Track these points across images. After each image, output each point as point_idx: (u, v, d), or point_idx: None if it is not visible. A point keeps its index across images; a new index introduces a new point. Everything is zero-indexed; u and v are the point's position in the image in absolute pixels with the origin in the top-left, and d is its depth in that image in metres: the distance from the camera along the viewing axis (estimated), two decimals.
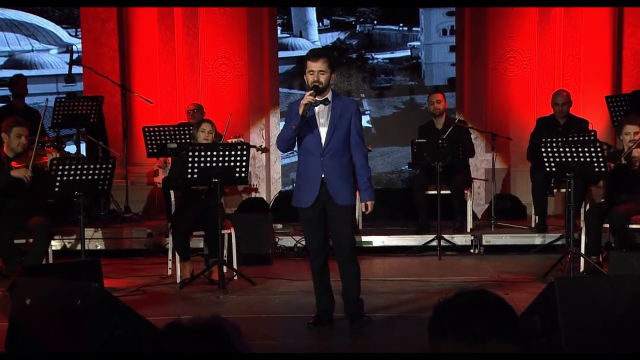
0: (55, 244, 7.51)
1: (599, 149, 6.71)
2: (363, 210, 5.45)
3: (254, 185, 9.89)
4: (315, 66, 5.27)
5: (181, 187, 7.03)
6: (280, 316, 5.95)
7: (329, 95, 5.35)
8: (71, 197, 6.68)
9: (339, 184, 5.33)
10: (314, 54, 5.33)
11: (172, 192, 7.30)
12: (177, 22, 9.93)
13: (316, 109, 5.33)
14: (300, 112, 5.20)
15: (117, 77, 9.84)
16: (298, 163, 5.51)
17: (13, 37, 10.47)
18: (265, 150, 9.01)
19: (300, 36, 10.23)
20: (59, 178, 6.49)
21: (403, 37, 10.11)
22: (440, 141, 8.07)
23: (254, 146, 8.82)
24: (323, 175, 5.33)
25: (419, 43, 10.08)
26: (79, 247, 6.92)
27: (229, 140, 8.24)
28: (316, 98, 5.25)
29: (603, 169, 6.71)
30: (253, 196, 9.81)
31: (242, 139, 8.33)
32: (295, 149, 5.55)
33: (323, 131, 5.33)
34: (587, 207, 7.72)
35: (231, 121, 8.26)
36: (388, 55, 10.09)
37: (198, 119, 8.40)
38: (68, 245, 8.05)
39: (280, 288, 6.79)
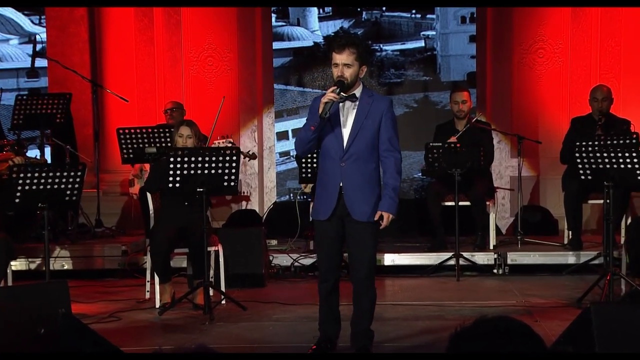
0: (16, 264, 7.50)
1: None
2: (376, 219, 5.31)
3: (244, 193, 9.89)
4: (339, 58, 5.21)
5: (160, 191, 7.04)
6: (276, 346, 5.94)
7: (357, 91, 5.31)
8: (34, 209, 6.68)
9: (357, 194, 5.26)
10: (339, 44, 5.24)
11: (150, 203, 7.30)
12: (156, 9, 9.95)
13: (340, 105, 5.29)
14: (320, 111, 5.14)
15: (87, 72, 9.85)
16: (319, 168, 5.47)
17: None
18: (253, 157, 8.96)
19: (298, 25, 10.24)
20: (19, 187, 6.49)
21: (416, 26, 10.13)
22: (455, 144, 8.05)
23: (242, 152, 8.81)
24: (342, 184, 5.29)
25: (434, 32, 10.10)
26: (43, 267, 6.91)
27: (216, 142, 8.23)
28: (341, 94, 5.19)
29: None
30: (244, 208, 9.82)
31: (232, 140, 8.33)
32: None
33: (345, 132, 5.28)
34: (629, 220, 7.71)
35: (218, 122, 8.26)
36: (398, 46, 10.10)
37: (177, 120, 8.41)
38: (30, 265, 8.03)
39: (275, 314, 6.79)
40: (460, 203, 8.08)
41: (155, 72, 10.00)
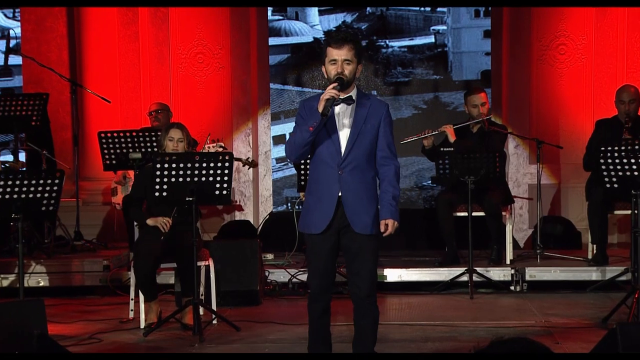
0: None
1: None
2: (382, 229, 5.33)
3: (237, 202, 9.88)
4: (339, 54, 5.26)
5: (141, 220, 7.05)
6: None
7: (353, 93, 5.33)
8: (7, 220, 6.67)
9: (359, 206, 5.28)
10: (338, 40, 5.29)
11: None
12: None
13: (336, 108, 5.30)
14: (321, 109, 5.14)
15: (66, 70, 9.86)
16: (309, 176, 5.47)
17: None
18: (253, 164, 8.98)
19: (297, 19, 10.26)
20: None
21: (425, 20, 10.15)
22: (468, 148, 8.06)
23: (239, 159, 8.84)
24: (340, 193, 5.29)
25: (445, 27, 10.12)
26: (17, 284, 6.90)
27: (206, 147, 8.24)
28: (339, 94, 5.22)
29: None
30: (237, 219, 9.82)
31: (223, 145, 8.34)
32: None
33: (344, 137, 5.29)
34: None
35: (209, 125, 8.28)
36: (406, 42, 10.12)
37: (163, 123, 8.42)
38: (3, 282, 8.03)
39: (272, 334, 6.78)
40: (474, 213, 8.10)
41: (140, 70, 10.02)
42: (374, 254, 5.38)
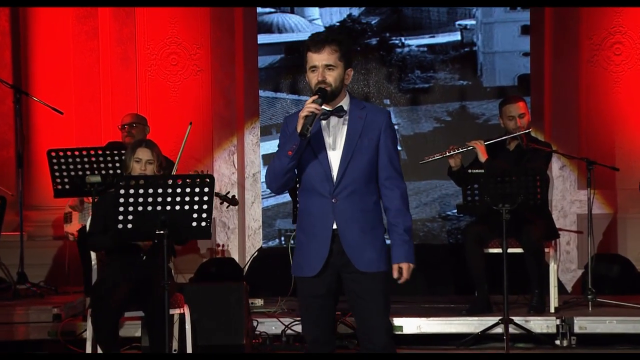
0: None
1: None
2: (395, 276, 5.36)
3: (219, 236, 9.87)
4: (318, 59, 5.27)
5: (109, 245, 7.05)
6: None
7: (344, 102, 5.35)
8: None
9: (359, 238, 5.30)
10: (316, 41, 5.30)
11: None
12: None
13: (323, 123, 5.33)
14: (299, 129, 5.16)
15: (8, 74, 9.88)
16: (299, 208, 5.48)
17: None
18: (233, 202, 8.93)
19: (292, 12, 10.30)
20: None
21: (449, 14, 10.19)
22: (503, 171, 8.06)
23: (217, 194, 8.73)
24: (335, 226, 5.31)
25: (473, 22, 10.16)
26: None
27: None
28: (323, 107, 5.24)
29: None
30: (218, 256, 9.82)
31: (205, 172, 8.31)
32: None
33: (334, 157, 5.31)
34: None
35: (187, 142, 8.29)
36: (426, 40, 10.16)
37: (138, 138, 8.39)
38: None
39: None
40: (510, 250, 8.08)
41: (100, 74, 10.05)
42: (385, 296, 5.37)
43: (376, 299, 5.32)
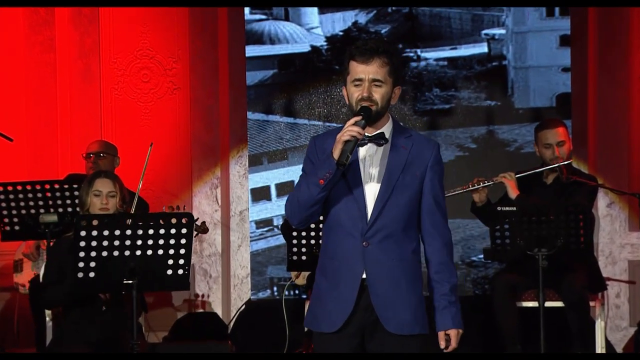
0: None
1: None
2: (442, 345, 5.33)
3: (198, 286, 9.90)
4: (365, 71, 5.22)
5: (66, 299, 7.11)
6: None
7: (385, 128, 5.33)
8: None
9: (393, 294, 5.26)
10: (364, 50, 5.24)
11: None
12: None
13: (361, 151, 5.30)
14: (336, 155, 5.12)
15: None
16: (322, 249, 5.45)
17: None
18: (202, 229, 8.82)
19: (287, 19, 10.34)
20: None
21: (474, 21, 10.23)
22: (539, 208, 8.11)
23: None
24: (365, 275, 5.26)
25: (503, 31, 10.20)
26: None
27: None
28: (365, 131, 5.19)
29: None
30: (199, 310, 9.87)
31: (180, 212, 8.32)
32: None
33: (371, 193, 5.27)
34: None
35: (155, 176, 8.30)
36: (447, 52, 10.18)
37: (101, 169, 8.35)
38: None
39: None
40: (548, 304, 8.11)
41: (57, 93, 10.11)
42: None
43: None
